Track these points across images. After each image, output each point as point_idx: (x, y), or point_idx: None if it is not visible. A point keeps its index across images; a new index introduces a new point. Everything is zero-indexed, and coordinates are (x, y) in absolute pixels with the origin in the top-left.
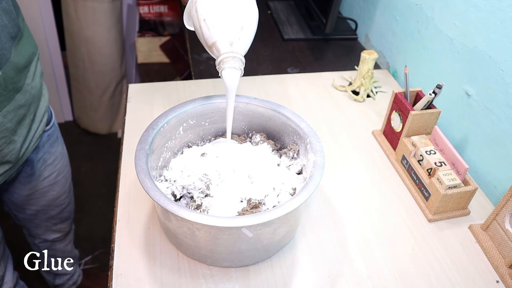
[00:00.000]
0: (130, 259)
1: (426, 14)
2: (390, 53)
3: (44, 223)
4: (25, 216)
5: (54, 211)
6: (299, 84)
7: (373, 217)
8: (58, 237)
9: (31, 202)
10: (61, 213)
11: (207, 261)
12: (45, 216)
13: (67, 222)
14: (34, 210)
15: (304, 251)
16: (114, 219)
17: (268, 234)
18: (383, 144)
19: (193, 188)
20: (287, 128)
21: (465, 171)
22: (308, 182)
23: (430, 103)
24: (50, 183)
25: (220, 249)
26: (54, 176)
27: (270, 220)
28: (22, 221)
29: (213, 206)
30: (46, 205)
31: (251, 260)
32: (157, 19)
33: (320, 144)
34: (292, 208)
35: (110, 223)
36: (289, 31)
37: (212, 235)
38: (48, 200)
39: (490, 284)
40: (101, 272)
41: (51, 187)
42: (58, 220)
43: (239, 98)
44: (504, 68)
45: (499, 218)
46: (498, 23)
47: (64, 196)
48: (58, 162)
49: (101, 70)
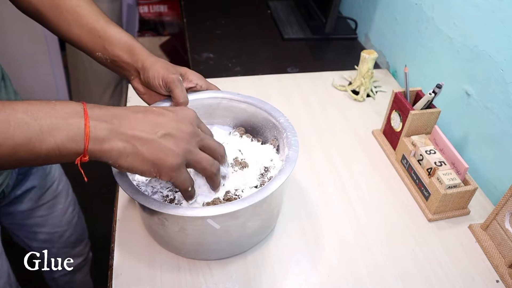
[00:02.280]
0: (130, 259)
1: (426, 13)
2: (390, 53)
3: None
4: (39, 244)
5: (67, 231)
6: (299, 84)
7: (373, 216)
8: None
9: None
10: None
11: (181, 252)
12: (61, 241)
13: (84, 243)
14: (46, 233)
15: (304, 250)
16: (114, 219)
17: (236, 227)
18: (383, 143)
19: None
20: (268, 123)
21: (465, 170)
22: (277, 175)
23: (430, 102)
24: (53, 196)
25: (190, 240)
26: (55, 187)
27: (232, 211)
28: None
29: None
30: (56, 224)
31: (224, 254)
32: (157, 18)
33: (295, 139)
34: (255, 201)
35: (110, 223)
36: (289, 30)
37: (180, 225)
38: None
39: (489, 283)
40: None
41: (56, 201)
42: (75, 241)
43: (222, 94)
44: (504, 67)
45: (499, 217)
46: (498, 22)
47: (71, 209)
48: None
49: (101, 70)
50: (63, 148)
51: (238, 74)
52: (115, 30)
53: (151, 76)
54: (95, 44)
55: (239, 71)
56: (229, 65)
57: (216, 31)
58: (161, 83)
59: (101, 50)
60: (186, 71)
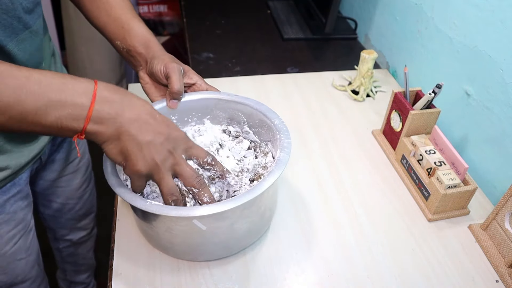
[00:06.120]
0: (130, 258)
1: (426, 13)
2: (390, 53)
3: (69, 222)
4: (50, 212)
5: (78, 204)
6: (299, 84)
7: (372, 216)
8: (83, 237)
9: (56, 192)
10: (84, 206)
11: (170, 252)
12: (70, 213)
13: (90, 217)
14: (59, 203)
15: (304, 250)
16: (114, 219)
17: (224, 228)
18: (383, 143)
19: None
20: (264, 124)
21: (464, 170)
22: (266, 177)
23: (429, 102)
24: (74, 170)
25: (178, 240)
26: (77, 162)
27: (218, 212)
28: (48, 220)
29: None
30: (69, 197)
31: (212, 256)
32: (157, 18)
33: (288, 141)
34: (241, 202)
35: (110, 223)
36: (289, 30)
37: (166, 225)
38: (71, 191)
39: (489, 283)
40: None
41: (74, 175)
42: (82, 215)
43: (220, 95)
44: (504, 67)
45: (498, 217)
46: (498, 22)
47: (85, 185)
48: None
49: (101, 70)
50: (64, 125)
51: (238, 74)
52: (137, 25)
53: (155, 63)
54: (117, 33)
55: (239, 71)
56: (229, 65)
57: (216, 31)
58: (162, 68)
59: (121, 39)
60: (189, 69)
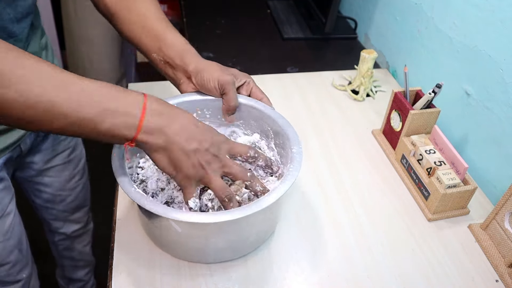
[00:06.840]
0: (130, 258)
1: (425, 13)
2: (390, 53)
3: (61, 214)
4: (42, 202)
5: (70, 196)
6: (299, 84)
7: (372, 216)
8: (77, 230)
9: (45, 182)
10: (76, 199)
11: (163, 248)
12: (62, 204)
13: (83, 211)
14: (50, 193)
15: (303, 250)
16: (114, 219)
17: (198, 238)
18: (383, 143)
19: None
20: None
21: (464, 170)
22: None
23: (429, 102)
24: (64, 161)
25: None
26: (67, 153)
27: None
28: (40, 210)
29: None
30: (60, 188)
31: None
32: None
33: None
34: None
35: (110, 223)
36: (289, 30)
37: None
38: (61, 182)
39: (489, 283)
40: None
41: (65, 166)
42: (75, 208)
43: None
44: (504, 67)
45: (498, 217)
46: (498, 22)
47: (77, 177)
48: (72, 139)
49: (101, 70)
50: (118, 132)
51: None
52: (173, 34)
53: (206, 78)
54: (152, 45)
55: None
56: (229, 64)
57: (216, 31)
58: (216, 85)
59: (157, 51)
60: (236, 72)
